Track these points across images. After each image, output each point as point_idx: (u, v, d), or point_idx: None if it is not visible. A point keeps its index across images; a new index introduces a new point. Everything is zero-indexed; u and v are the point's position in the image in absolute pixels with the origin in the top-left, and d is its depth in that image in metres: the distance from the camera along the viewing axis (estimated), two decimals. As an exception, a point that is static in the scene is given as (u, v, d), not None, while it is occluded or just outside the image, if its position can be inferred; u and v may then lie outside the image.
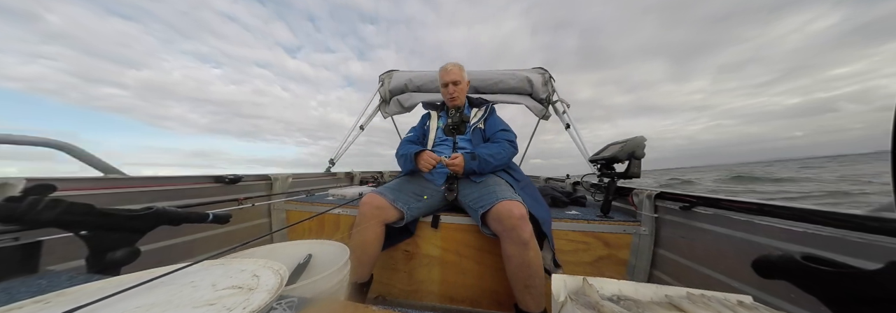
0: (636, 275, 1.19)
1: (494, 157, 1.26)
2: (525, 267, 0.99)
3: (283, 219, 1.64)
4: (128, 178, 1.08)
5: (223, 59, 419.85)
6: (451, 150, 1.42)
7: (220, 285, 0.52)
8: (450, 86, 1.45)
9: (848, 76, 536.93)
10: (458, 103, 1.50)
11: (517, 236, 0.99)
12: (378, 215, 1.12)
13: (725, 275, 0.90)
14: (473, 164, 1.22)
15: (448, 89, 1.46)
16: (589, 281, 0.56)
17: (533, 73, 2.31)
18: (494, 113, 1.57)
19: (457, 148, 1.42)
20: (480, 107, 1.54)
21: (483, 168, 1.24)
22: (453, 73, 1.45)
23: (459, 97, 1.48)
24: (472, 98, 1.60)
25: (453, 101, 1.48)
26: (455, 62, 1.49)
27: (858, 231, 0.61)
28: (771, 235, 0.78)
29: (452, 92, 1.45)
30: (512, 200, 1.05)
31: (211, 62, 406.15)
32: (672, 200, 1.11)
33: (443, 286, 1.31)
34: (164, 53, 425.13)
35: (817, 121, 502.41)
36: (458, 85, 1.45)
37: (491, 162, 1.25)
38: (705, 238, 0.98)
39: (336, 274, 0.78)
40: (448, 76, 1.45)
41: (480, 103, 1.56)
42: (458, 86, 1.45)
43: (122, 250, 0.69)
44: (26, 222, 0.58)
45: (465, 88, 1.52)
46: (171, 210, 0.79)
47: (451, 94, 1.46)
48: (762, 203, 0.81)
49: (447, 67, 1.47)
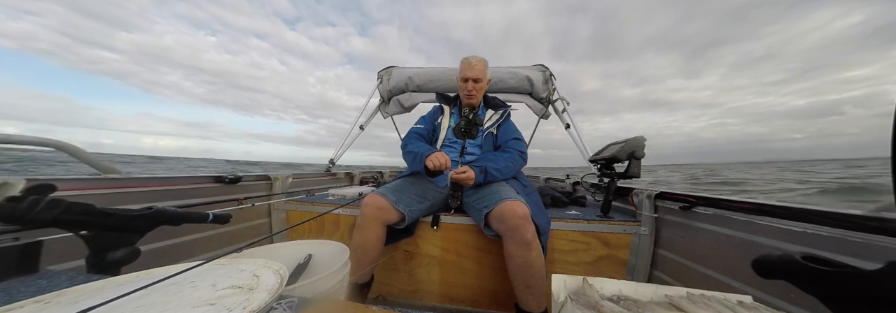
0: (636, 275, 1.19)
1: (502, 172, 1.21)
2: (527, 266, 0.99)
3: (283, 219, 1.64)
4: (127, 178, 1.08)
5: (218, 26, 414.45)
6: (458, 154, 1.37)
7: (220, 285, 0.52)
8: (470, 82, 1.34)
9: (860, 79, 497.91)
10: (475, 102, 1.41)
11: (520, 236, 0.99)
12: (379, 216, 1.11)
13: (725, 275, 0.90)
14: (480, 178, 1.16)
15: (467, 85, 1.34)
16: (589, 281, 0.56)
17: (533, 71, 2.29)
18: (509, 118, 1.48)
19: (465, 153, 1.36)
20: (497, 110, 1.43)
21: (490, 181, 1.20)
22: (477, 69, 1.33)
23: (477, 96, 1.39)
24: (488, 98, 1.48)
25: (469, 99, 1.39)
26: (480, 57, 1.37)
27: (858, 231, 0.61)
28: (771, 235, 0.79)
29: (471, 89, 1.35)
30: (515, 200, 1.04)
31: (205, 29, 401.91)
32: (672, 200, 1.11)
33: (443, 286, 1.31)
34: (155, 15, 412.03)
35: (819, 123, 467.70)
36: (478, 83, 1.35)
37: (498, 177, 1.20)
38: (705, 238, 0.98)
39: (336, 275, 0.78)
40: (471, 71, 1.33)
41: (497, 105, 1.44)
42: (478, 83, 1.35)
43: (123, 250, 0.69)
44: (26, 222, 0.58)
45: (485, 87, 1.41)
46: (171, 210, 0.78)
47: (469, 92, 1.36)
48: (762, 203, 0.81)
49: (472, 62, 1.35)
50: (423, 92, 2.45)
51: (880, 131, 0.46)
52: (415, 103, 2.47)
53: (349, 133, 2.46)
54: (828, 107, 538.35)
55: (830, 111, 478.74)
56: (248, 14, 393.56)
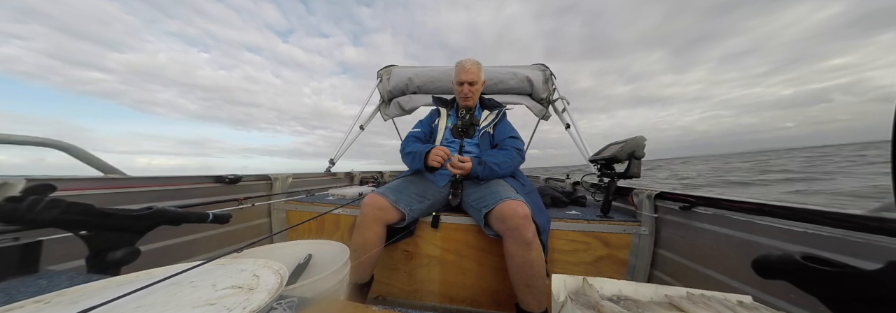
0: (636, 275, 1.19)
1: (500, 166, 1.23)
2: (527, 266, 0.99)
3: (283, 219, 1.64)
4: (128, 178, 1.08)
5: (211, 41, 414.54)
6: (456, 153, 1.38)
7: (220, 285, 0.52)
8: (465, 85, 1.38)
9: (843, 67, 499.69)
10: (471, 104, 1.44)
11: (520, 235, 0.99)
12: (380, 216, 1.11)
13: (725, 275, 0.90)
14: (478, 169, 1.18)
15: (463, 89, 1.39)
16: (589, 281, 0.56)
17: (533, 71, 2.28)
18: (505, 117, 1.52)
19: (463, 151, 1.39)
20: (492, 110, 1.47)
21: (487, 175, 1.21)
22: (471, 73, 1.37)
23: (473, 98, 1.42)
24: (484, 99, 1.53)
25: (466, 101, 1.42)
26: (473, 59, 1.41)
27: (858, 231, 0.61)
28: (771, 235, 0.79)
29: (467, 92, 1.39)
30: (515, 200, 1.04)
31: (198, 45, 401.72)
32: (672, 200, 1.11)
33: (443, 286, 1.31)
34: (146, 34, 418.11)
35: (809, 111, 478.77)
36: (473, 85, 1.38)
37: (496, 171, 1.22)
38: (705, 238, 0.98)
39: (336, 275, 0.78)
40: (465, 75, 1.37)
41: (493, 106, 1.49)
42: (473, 86, 1.39)
43: (122, 250, 0.69)
44: (26, 222, 0.58)
45: (480, 89, 1.44)
46: (172, 210, 0.78)
47: (464, 95, 1.40)
48: (762, 203, 0.81)
49: (465, 65, 1.38)
50: (424, 93, 2.42)
51: (880, 116, 0.45)
52: (415, 106, 2.44)
53: (349, 132, 2.45)
54: (815, 95, 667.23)
55: (818, 99, 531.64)
56: (240, 28, 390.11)
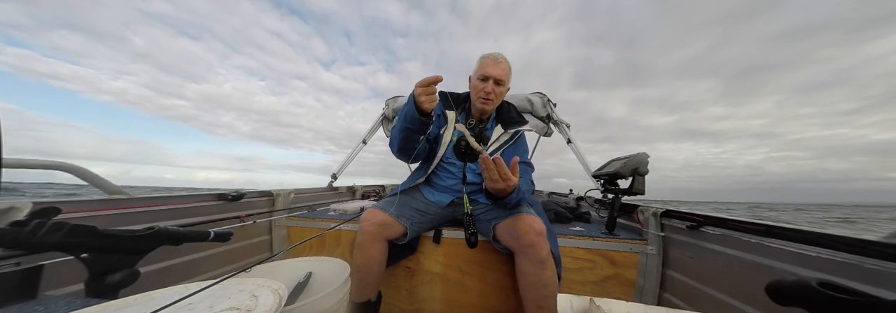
0: (645, 297, 1.15)
1: (522, 195, 0.95)
2: (541, 286, 0.93)
3: (284, 235, 1.63)
4: (131, 199, 1.08)
5: (267, 72, 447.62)
6: (458, 179, 1.19)
7: (217, 306, 0.51)
8: (490, 82, 1.09)
9: None
10: (489, 109, 1.16)
11: (535, 254, 0.93)
12: (380, 232, 1.08)
13: (738, 300, 0.87)
14: (512, 197, 0.89)
15: (486, 86, 1.09)
16: (596, 303, 0.54)
17: (533, 96, 2.35)
18: (524, 138, 1.24)
19: (466, 182, 1.16)
20: (508, 127, 1.18)
21: (508, 203, 0.92)
22: (502, 68, 1.08)
23: (495, 102, 1.14)
24: (503, 107, 1.24)
25: (485, 104, 1.13)
26: (503, 55, 1.11)
27: (874, 258, 0.60)
28: (783, 258, 0.76)
29: (490, 92, 1.09)
30: (531, 215, 0.98)
31: (257, 75, 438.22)
32: (678, 219, 1.10)
33: (444, 305, 1.28)
34: (219, 68, 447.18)
35: None
36: (500, 86, 1.11)
37: (516, 198, 0.92)
38: (715, 259, 0.95)
39: (336, 293, 0.76)
40: (493, 69, 1.08)
41: (510, 122, 1.19)
42: (499, 87, 1.11)
43: (121, 272, 0.69)
44: (30, 246, 0.58)
45: (505, 94, 1.17)
46: (173, 229, 0.78)
47: (486, 95, 1.10)
48: (771, 225, 0.80)
49: (498, 58, 1.10)
50: None
51: None
52: None
53: (355, 149, 2.54)
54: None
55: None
56: (293, 60, 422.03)
